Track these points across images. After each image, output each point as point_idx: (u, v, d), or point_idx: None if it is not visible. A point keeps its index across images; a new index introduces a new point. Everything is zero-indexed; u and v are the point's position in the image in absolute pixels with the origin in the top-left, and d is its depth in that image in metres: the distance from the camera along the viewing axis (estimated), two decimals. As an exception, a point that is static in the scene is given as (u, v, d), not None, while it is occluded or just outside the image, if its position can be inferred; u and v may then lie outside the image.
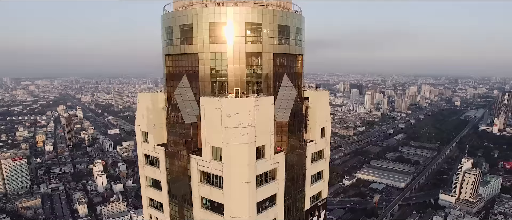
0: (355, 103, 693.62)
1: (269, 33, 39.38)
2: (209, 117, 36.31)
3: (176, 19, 40.04)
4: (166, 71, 43.68)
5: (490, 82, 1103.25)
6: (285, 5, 42.46)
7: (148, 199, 48.50)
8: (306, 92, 46.37)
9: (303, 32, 44.02)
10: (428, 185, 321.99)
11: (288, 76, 42.57)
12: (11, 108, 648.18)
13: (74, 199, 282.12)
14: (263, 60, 39.82)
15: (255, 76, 39.93)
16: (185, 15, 39.19)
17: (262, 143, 37.12)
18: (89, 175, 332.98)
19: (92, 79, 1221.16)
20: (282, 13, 40.55)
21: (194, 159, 39.50)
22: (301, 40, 43.71)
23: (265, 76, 40.42)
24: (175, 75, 42.42)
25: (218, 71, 39.16)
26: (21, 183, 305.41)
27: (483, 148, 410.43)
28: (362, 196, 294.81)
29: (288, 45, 41.81)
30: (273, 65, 40.67)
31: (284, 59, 42.41)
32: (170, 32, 41.07)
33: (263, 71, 40.18)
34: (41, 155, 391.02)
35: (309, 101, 45.87)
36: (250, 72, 39.57)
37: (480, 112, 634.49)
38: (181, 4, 41.16)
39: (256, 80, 40.17)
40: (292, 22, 41.52)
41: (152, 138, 44.10)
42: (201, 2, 39.68)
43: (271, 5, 40.37)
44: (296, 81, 44.01)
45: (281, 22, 40.17)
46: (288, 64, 43.20)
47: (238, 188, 36.55)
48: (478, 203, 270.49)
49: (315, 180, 48.17)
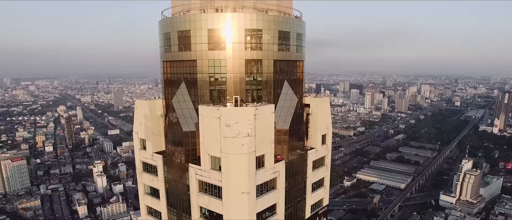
0: (355, 104, 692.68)
1: (269, 39, 38.63)
2: (208, 126, 35.50)
3: (174, 25, 39.24)
4: (164, 78, 42.91)
5: (490, 82, 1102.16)
6: (285, 10, 41.69)
7: (146, 207, 47.74)
8: (307, 99, 45.57)
9: (304, 38, 43.25)
10: (429, 185, 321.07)
11: (289, 82, 41.80)
12: (11, 108, 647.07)
13: (73, 200, 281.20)
14: (263, 67, 39.06)
15: (255, 83, 39.15)
16: (183, 21, 38.40)
17: (262, 152, 36.33)
18: (89, 175, 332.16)
19: (92, 79, 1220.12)
20: (283, 19, 39.76)
21: (192, 168, 38.72)
22: (302, 46, 42.94)
23: (265, 83, 39.64)
24: (173, 82, 41.65)
25: (217, 79, 38.37)
26: (20, 183, 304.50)
27: (484, 148, 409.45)
28: (362, 197, 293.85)
29: (289, 51, 41.06)
30: (273, 72, 39.92)
31: (284, 66, 41.64)
32: (168, 38, 40.28)
33: (263, 79, 39.40)
34: (41, 155, 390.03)
35: (310, 108, 45.06)
36: (249, 80, 38.79)
37: (480, 112, 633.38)
38: (179, 9, 40.36)
39: (256, 88, 39.39)
40: (292, 27, 40.74)
41: (150, 145, 43.31)
42: (199, 7, 38.92)
43: (271, 11, 39.58)
44: (297, 88, 43.23)
45: (281, 28, 39.39)
46: (289, 70, 42.43)
47: (238, 199, 35.77)
48: (479, 204, 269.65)
49: (316, 187, 47.41)
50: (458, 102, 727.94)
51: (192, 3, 39.17)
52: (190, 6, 39.34)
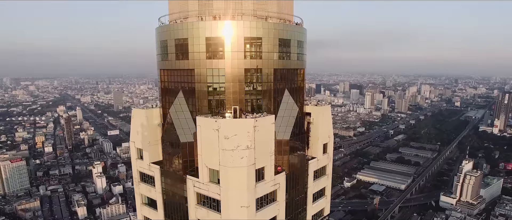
0: (355, 104, 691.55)
1: (269, 47, 37.52)
2: (206, 138, 34.50)
3: (171, 33, 38.19)
4: (161, 86, 41.85)
5: (490, 83, 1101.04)
6: (286, 17, 40.66)
7: (144, 218, 46.69)
8: (307, 107, 44.47)
9: (305, 45, 42.20)
10: (429, 186, 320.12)
11: (289, 91, 40.72)
12: (11, 109, 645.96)
13: (73, 201, 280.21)
14: (263, 76, 38.03)
15: (254, 93, 38.10)
16: (180, 29, 37.35)
17: (262, 164, 35.33)
18: (89, 176, 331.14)
19: (91, 79, 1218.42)
20: (283, 27, 38.73)
21: (190, 180, 37.71)
22: (303, 54, 41.90)
23: (265, 92, 38.58)
24: (171, 91, 40.59)
25: (215, 89, 37.32)
26: (20, 184, 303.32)
27: (484, 149, 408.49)
28: (362, 198, 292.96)
29: (290, 59, 40.01)
30: (274, 81, 38.89)
31: (285, 74, 40.55)
32: (165, 46, 39.22)
33: (263, 88, 38.36)
34: (40, 156, 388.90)
35: (311, 117, 43.99)
36: (249, 89, 37.74)
37: (480, 112, 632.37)
38: (177, 16, 39.31)
39: (256, 97, 38.35)
40: (293, 35, 39.70)
41: (147, 155, 42.28)
42: (197, 14, 37.89)
43: (271, 18, 38.53)
44: (298, 96, 42.20)
45: (282, 36, 38.33)
46: (290, 78, 41.34)
47: (237, 213, 34.76)
48: (479, 205, 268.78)
49: (317, 197, 46.43)
50: (458, 103, 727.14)
51: (189, 10, 38.12)
52: (188, 13, 38.29)
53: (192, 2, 37.69)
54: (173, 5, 40.09)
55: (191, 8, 37.82)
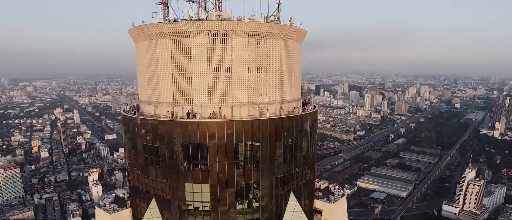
0: (355, 106, 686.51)
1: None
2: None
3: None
4: (130, 184, 36.08)
5: (489, 83, 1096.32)
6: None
7: None
8: (318, 203, 37.17)
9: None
10: (430, 194, 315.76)
11: (294, 192, 34.27)
12: (8, 111, 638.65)
13: (68, 211, 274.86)
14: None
15: (250, 211, 32.77)
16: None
17: None
18: (85, 183, 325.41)
19: (90, 79, 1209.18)
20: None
21: None
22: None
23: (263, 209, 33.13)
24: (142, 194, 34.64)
25: (197, 208, 31.83)
26: (14, 193, 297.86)
27: (485, 153, 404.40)
28: (363, 207, 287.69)
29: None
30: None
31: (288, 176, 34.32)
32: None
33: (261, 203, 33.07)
34: (36, 161, 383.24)
35: (322, 216, 36.95)
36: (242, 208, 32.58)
37: (480, 114, 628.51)
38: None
39: (252, 217, 32.90)
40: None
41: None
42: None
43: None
44: (305, 193, 35.66)
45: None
46: (294, 179, 34.89)
47: None
48: (482, 215, 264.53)
49: None
50: (458, 104, 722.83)
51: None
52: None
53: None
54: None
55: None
